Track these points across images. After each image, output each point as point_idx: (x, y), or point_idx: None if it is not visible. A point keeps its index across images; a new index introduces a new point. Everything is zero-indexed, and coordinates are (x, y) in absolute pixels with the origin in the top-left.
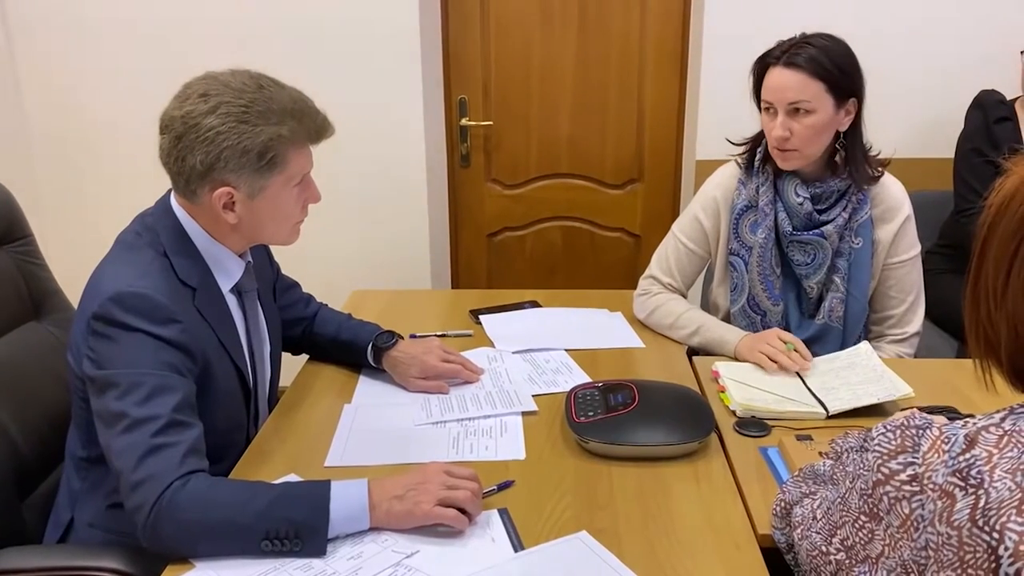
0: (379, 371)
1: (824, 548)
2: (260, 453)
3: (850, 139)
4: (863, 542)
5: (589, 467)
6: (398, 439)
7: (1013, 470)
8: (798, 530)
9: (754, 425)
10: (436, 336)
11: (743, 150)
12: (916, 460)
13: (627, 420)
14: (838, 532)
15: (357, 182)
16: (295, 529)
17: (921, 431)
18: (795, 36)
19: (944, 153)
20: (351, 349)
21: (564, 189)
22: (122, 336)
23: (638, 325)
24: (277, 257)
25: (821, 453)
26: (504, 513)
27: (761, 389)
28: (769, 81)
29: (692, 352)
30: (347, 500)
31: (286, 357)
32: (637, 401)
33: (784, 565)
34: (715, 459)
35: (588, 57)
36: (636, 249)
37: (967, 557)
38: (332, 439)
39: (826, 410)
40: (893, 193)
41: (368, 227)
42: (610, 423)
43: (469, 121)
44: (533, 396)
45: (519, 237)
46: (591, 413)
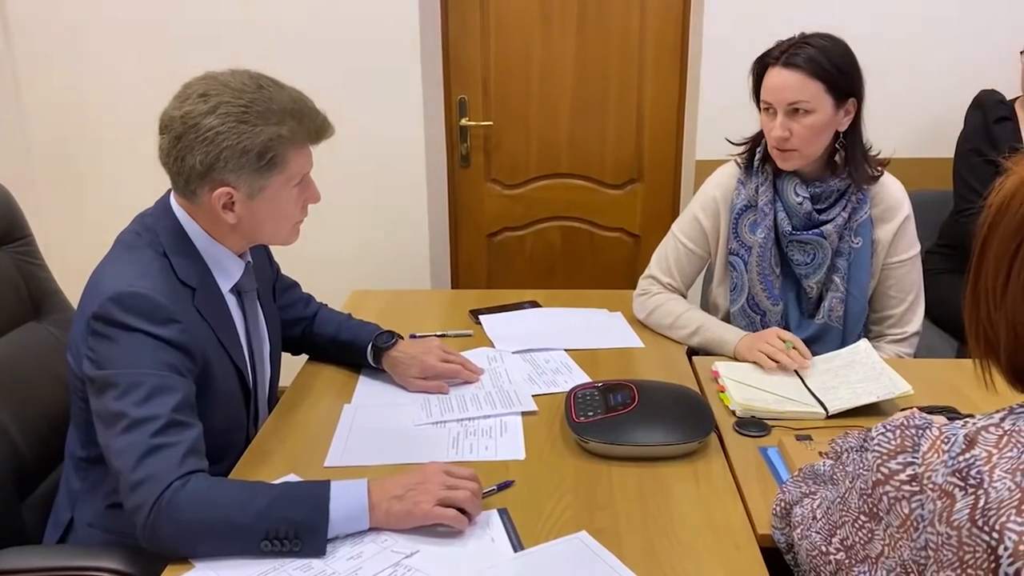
0: (379, 371)
1: (824, 548)
2: (260, 453)
3: (850, 139)
4: (863, 542)
5: (589, 467)
6: (398, 439)
7: (1013, 470)
8: (798, 530)
9: (754, 425)
10: (436, 336)
11: (743, 150)
12: (916, 460)
13: (627, 420)
14: (838, 532)
15: (357, 182)
16: (295, 529)
17: (921, 431)
18: (794, 36)
19: (944, 153)
20: (351, 349)
21: (564, 189)
22: (122, 336)
23: (638, 325)
24: (277, 257)
25: (821, 453)
26: (504, 513)
27: (761, 389)
28: (768, 81)
29: (692, 352)
30: (347, 500)
31: (286, 357)
32: (637, 401)
33: (784, 565)
34: (715, 459)
35: (588, 57)
36: (636, 249)
37: (967, 557)
38: (332, 439)
39: (826, 410)
40: (893, 193)
41: (368, 227)
42: (610, 423)
43: (469, 121)
44: (533, 396)
45: (519, 237)
46: (591, 413)
